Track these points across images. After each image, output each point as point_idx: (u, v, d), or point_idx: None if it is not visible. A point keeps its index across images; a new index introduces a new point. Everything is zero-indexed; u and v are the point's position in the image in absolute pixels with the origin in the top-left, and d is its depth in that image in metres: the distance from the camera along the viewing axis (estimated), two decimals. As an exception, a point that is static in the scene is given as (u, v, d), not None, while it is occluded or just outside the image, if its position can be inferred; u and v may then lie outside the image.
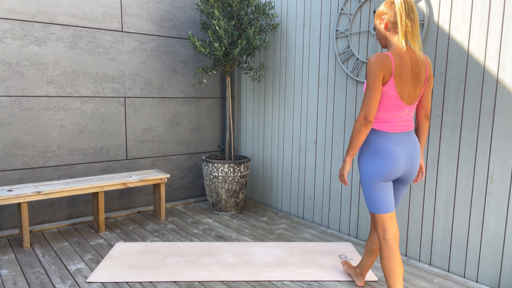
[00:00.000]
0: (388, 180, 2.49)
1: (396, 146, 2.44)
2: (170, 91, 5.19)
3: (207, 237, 4.19)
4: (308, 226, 4.54)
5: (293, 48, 4.76)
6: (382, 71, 2.33)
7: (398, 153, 2.44)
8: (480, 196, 3.19)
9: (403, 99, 2.42)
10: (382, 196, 2.49)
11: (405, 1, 2.37)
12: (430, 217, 3.54)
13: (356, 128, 2.39)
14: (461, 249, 3.34)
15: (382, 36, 2.52)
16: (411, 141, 2.50)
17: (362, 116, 2.36)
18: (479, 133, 3.16)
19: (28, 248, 3.82)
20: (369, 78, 2.35)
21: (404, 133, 2.49)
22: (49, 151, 4.36)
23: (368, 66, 2.36)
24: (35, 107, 4.22)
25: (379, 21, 2.51)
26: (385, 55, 2.35)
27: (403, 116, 2.47)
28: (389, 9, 2.43)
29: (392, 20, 2.42)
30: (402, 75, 2.38)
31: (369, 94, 2.35)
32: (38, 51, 4.19)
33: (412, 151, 2.49)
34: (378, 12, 2.51)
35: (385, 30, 2.48)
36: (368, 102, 2.35)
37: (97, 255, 3.68)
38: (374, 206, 2.52)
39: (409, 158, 2.49)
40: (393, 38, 2.45)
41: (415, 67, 2.42)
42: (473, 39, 3.14)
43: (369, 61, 2.36)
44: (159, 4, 4.98)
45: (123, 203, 4.98)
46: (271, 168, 5.26)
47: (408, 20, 2.36)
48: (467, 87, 3.20)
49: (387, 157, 2.43)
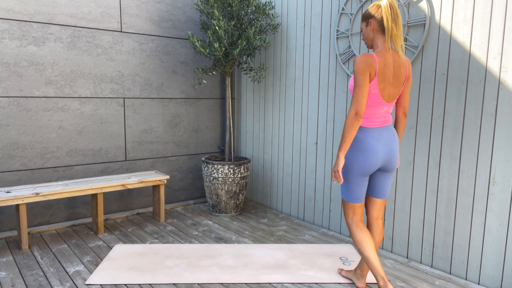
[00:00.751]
0: (366, 175, 2.74)
1: (375, 140, 2.67)
2: (169, 92, 5.20)
3: (207, 239, 4.19)
4: (309, 228, 4.54)
5: (293, 48, 4.77)
6: (368, 69, 2.53)
7: (377, 148, 2.67)
8: (482, 198, 3.19)
9: (383, 97, 2.64)
10: (358, 190, 2.78)
11: (391, 6, 2.57)
12: (431, 219, 3.54)
13: (349, 123, 2.56)
14: (463, 251, 3.34)
15: (369, 38, 2.72)
16: (389, 134, 2.73)
17: (353, 111, 2.54)
18: (481, 134, 3.16)
19: (27, 250, 3.82)
20: (357, 75, 2.54)
21: (383, 127, 2.72)
22: (48, 152, 4.37)
23: (356, 65, 2.54)
24: (33, 108, 4.23)
25: (367, 24, 2.71)
26: (371, 55, 2.54)
27: (382, 113, 2.70)
28: (376, 13, 2.63)
29: (379, 23, 2.63)
30: (385, 75, 2.59)
31: (359, 90, 2.53)
32: (37, 52, 4.20)
33: (391, 143, 2.72)
34: (365, 15, 2.71)
35: (372, 33, 2.69)
36: (358, 98, 2.53)
37: (96, 257, 3.68)
38: (349, 196, 2.81)
39: (388, 150, 2.72)
40: (379, 40, 2.66)
41: (396, 67, 2.62)
42: (475, 40, 3.15)
43: (357, 60, 2.55)
44: (159, 4, 4.99)
45: (122, 204, 4.98)
46: (272, 170, 5.26)
47: (393, 24, 2.57)
48: (469, 88, 3.20)
49: (367, 153, 2.66)
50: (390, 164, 2.78)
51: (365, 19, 2.71)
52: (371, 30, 2.68)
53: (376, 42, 2.68)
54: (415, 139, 3.60)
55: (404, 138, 3.68)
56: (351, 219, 2.85)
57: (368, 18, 2.69)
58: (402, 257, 3.78)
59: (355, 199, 2.81)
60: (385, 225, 3.90)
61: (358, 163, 2.69)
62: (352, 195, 2.80)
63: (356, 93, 2.54)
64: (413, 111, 3.59)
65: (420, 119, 3.55)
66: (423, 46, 3.48)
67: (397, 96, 2.72)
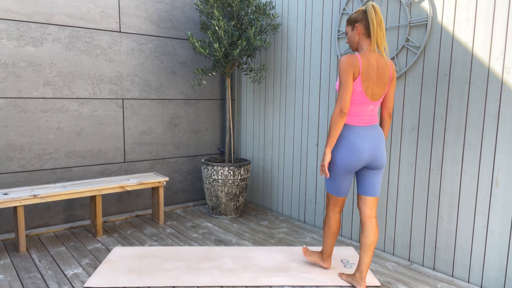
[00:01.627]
0: (351, 171, 2.92)
1: (360, 138, 2.83)
2: (169, 93, 5.20)
3: (207, 241, 4.19)
4: (310, 230, 4.54)
5: (294, 48, 4.77)
6: (352, 69, 2.71)
7: (362, 146, 2.83)
8: (485, 200, 3.20)
9: (367, 95, 2.81)
10: (342, 185, 2.98)
11: (376, 11, 2.76)
12: (433, 221, 3.54)
13: (334, 120, 2.75)
14: (465, 254, 3.34)
15: (355, 41, 2.89)
16: (375, 133, 2.89)
17: (338, 109, 2.73)
18: (483, 135, 3.16)
19: (24, 252, 3.82)
20: (342, 75, 2.72)
21: (369, 126, 2.88)
22: (46, 153, 4.37)
23: (340, 65, 2.73)
24: (31, 109, 4.23)
25: (352, 28, 2.89)
26: (354, 55, 2.74)
27: (367, 111, 2.85)
28: (363, 17, 2.81)
29: (365, 27, 2.81)
30: (368, 74, 2.76)
31: (343, 89, 2.72)
32: (35, 52, 4.20)
33: (376, 141, 2.88)
34: (351, 20, 2.88)
35: (358, 36, 2.86)
36: (343, 96, 2.72)
37: (95, 260, 3.68)
38: (334, 190, 3.03)
39: (374, 148, 2.87)
40: (364, 43, 2.84)
41: (380, 68, 2.80)
42: (477, 40, 3.15)
43: (341, 60, 2.74)
44: (158, 4, 4.99)
45: (121, 206, 4.99)
46: (272, 171, 5.27)
47: (378, 28, 2.76)
48: (472, 89, 3.20)
49: (351, 150, 2.83)
50: (376, 162, 2.92)
51: (351, 23, 2.89)
52: (357, 34, 2.86)
53: (361, 45, 2.86)
54: (417, 141, 3.61)
55: (405, 140, 3.68)
56: (332, 210, 3.13)
57: (354, 22, 2.86)
58: (404, 259, 3.78)
59: (339, 193, 3.03)
60: (387, 228, 3.90)
61: (342, 160, 2.87)
62: (337, 189, 3.01)
63: (340, 91, 2.73)
64: (415, 112, 3.59)
65: (422, 120, 3.55)
66: (425, 47, 3.48)
67: (382, 96, 2.89)
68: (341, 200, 3.09)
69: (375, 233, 3.02)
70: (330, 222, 3.17)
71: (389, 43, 3.74)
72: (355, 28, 2.85)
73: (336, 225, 3.19)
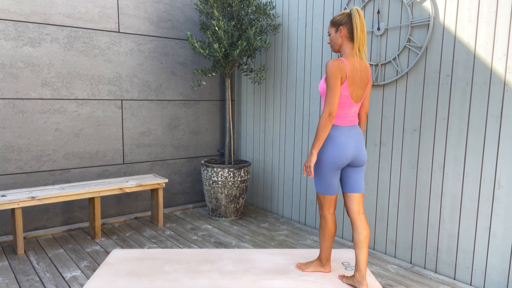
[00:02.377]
0: (338, 168, 3.01)
1: (347, 137, 2.95)
2: (168, 94, 5.21)
3: (207, 243, 4.19)
4: (310, 233, 4.55)
5: (294, 49, 4.78)
6: (340, 73, 2.80)
7: (349, 145, 2.95)
8: (487, 202, 3.20)
9: (352, 98, 2.92)
10: (332, 182, 3.04)
11: (360, 16, 2.85)
12: (435, 223, 3.54)
13: (322, 123, 2.85)
14: (468, 256, 3.35)
15: (338, 44, 2.97)
16: (357, 132, 3.02)
17: (327, 112, 2.82)
18: (486, 137, 3.17)
19: (22, 255, 3.83)
20: (330, 80, 2.80)
21: (352, 126, 3.01)
22: (44, 155, 4.38)
23: (329, 69, 2.81)
24: (29, 110, 4.24)
25: (336, 30, 2.96)
26: (341, 60, 2.82)
27: (351, 113, 2.98)
28: (347, 21, 2.89)
29: (349, 30, 2.89)
30: (354, 78, 2.87)
31: (332, 93, 2.81)
32: (33, 52, 4.21)
33: (358, 140, 3.01)
34: (335, 22, 2.95)
35: (341, 39, 2.94)
36: (332, 100, 2.81)
37: (93, 262, 3.68)
38: (325, 189, 3.08)
39: (357, 146, 3.00)
40: (347, 46, 2.93)
41: (362, 71, 2.92)
42: (480, 40, 3.16)
43: (329, 65, 2.80)
44: (157, 4, 5.00)
45: (120, 208, 4.99)
46: (272, 173, 5.27)
47: (361, 32, 2.86)
48: (474, 90, 3.21)
49: (339, 148, 2.93)
50: (359, 159, 3.04)
51: (335, 25, 2.96)
52: (340, 37, 2.94)
53: (344, 48, 2.95)
54: (418, 142, 3.61)
55: (407, 141, 3.69)
56: (328, 211, 3.14)
57: (338, 25, 2.94)
58: (405, 262, 3.78)
59: (331, 192, 3.08)
60: (388, 230, 3.90)
61: (332, 157, 2.96)
62: (328, 188, 3.07)
63: (329, 95, 2.82)
64: (417, 113, 3.60)
65: (423, 122, 3.55)
66: (427, 47, 3.49)
67: (363, 98, 3.01)
68: (334, 199, 3.15)
69: (366, 228, 3.07)
70: (328, 224, 3.17)
71: (391, 43, 3.75)
72: (339, 30, 2.94)
73: (334, 226, 3.21)
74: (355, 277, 3.16)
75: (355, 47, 2.90)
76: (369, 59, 3.94)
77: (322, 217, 3.17)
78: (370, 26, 3.91)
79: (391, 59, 3.74)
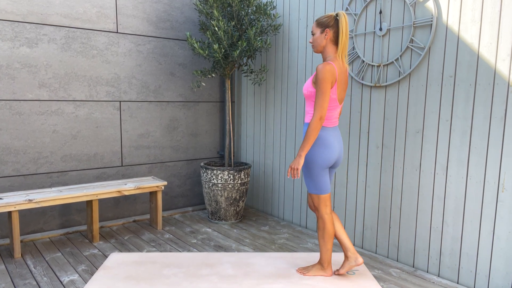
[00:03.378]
0: (328, 167, 3.15)
1: (333, 138, 3.10)
2: (167, 95, 5.22)
3: (206, 247, 4.20)
4: (312, 236, 4.55)
5: (295, 50, 4.79)
6: (331, 78, 2.91)
7: (335, 144, 3.10)
8: (491, 205, 3.20)
9: (339, 101, 3.08)
10: (326, 180, 3.14)
11: (346, 21, 2.97)
12: (438, 226, 3.55)
13: (314, 127, 2.94)
14: (471, 260, 3.35)
15: (321, 45, 3.06)
16: (339, 133, 3.20)
17: (318, 116, 2.92)
18: (489, 138, 3.17)
19: (19, 258, 3.83)
20: (323, 84, 2.89)
21: (336, 127, 3.17)
22: (41, 157, 4.38)
23: (321, 74, 2.90)
24: (26, 111, 4.25)
25: (322, 31, 3.04)
26: (331, 64, 2.92)
27: (335, 114, 3.12)
28: (334, 24, 3.00)
29: (334, 34, 3.01)
30: (341, 81, 3.02)
31: (324, 97, 2.91)
32: (30, 53, 4.22)
33: (340, 141, 3.19)
34: (322, 23, 3.04)
35: (325, 41, 3.04)
36: (323, 104, 2.91)
37: (91, 266, 3.69)
38: (321, 188, 3.15)
39: (340, 147, 3.17)
40: (330, 49, 3.04)
41: (344, 74, 3.07)
42: (483, 41, 3.16)
43: (322, 69, 2.90)
44: (156, 4, 5.01)
45: (118, 211, 4.99)
46: (273, 175, 5.27)
47: (346, 37, 2.98)
48: (477, 91, 3.22)
49: (330, 148, 3.06)
50: (339, 160, 3.24)
51: (321, 27, 3.04)
52: (325, 39, 3.03)
53: (327, 50, 3.05)
54: (421, 144, 3.61)
55: (410, 143, 3.69)
56: (325, 211, 3.20)
57: (325, 26, 3.02)
58: (408, 266, 3.78)
59: (326, 190, 3.16)
60: (391, 233, 3.91)
61: (323, 157, 3.07)
62: (323, 187, 3.14)
63: (321, 99, 2.91)
64: (420, 115, 3.60)
65: (426, 123, 3.56)
66: (429, 48, 3.49)
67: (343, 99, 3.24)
68: (329, 197, 3.22)
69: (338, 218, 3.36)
70: (326, 224, 3.20)
71: (393, 44, 3.76)
72: (325, 32, 3.01)
73: (333, 226, 3.24)
74: (348, 258, 3.29)
75: (339, 51, 3.00)
76: (371, 60, 3.95)
77: (320, 218, 3.22)
78: (372, 27, 3.92)
79: (393, 60, 3.75)
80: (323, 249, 3.28)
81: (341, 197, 4.37)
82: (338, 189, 4.40)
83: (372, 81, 3.96)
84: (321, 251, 3.29)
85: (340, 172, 4.35)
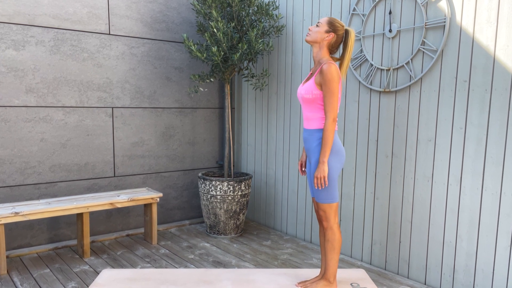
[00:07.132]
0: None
1: (339, 141, 3.16)
2: (162, 101, 5.23)
3: (204, 263, 4.20)
4: (317, 251, 4.55)
5: (299, 53, 4.81)
6: (339, 78, 3.01)
7: (342, 147, 3.16)
8: (508, 218, 3.21)
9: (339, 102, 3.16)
10: (337, 187, 3.16)
11: (353, 39, 3.12)
12: (452, 241, 3.55)
13: (330, 129, 3.01)
14: (487, 277, 3.35)
15: (318, 41, 3.12)
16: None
17: (331, 118, 3.00)
18: (506, 147, 3.18)
19: (5, 275, 3.83)
20: (333, 84, 2.97)
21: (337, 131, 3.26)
22: (28, 167, 4.40)
23: (330, 74, 2.96)
24: (12, 118, 4.27)
25: (328, 31, 3.09)
26: (335, 64, 3.02)
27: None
28: (341, 35, 3.12)
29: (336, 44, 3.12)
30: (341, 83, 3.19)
31: (335, 97, 2.99)
32: (16, 56, 4.24)
33: None
34: (332, 24, 3.09)
35: (324, 42, 3.10)
36: (335, 105, 3.00)
37: (82, 283, 3.69)
38: (333, 196, 3.15)
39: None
40: (325, 53, 3.13)
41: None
42: (500, 43, 3.18)
43: (329, 70, 2.97)
44: (151, 4, 5.04)
45: (110, 225, 5.00)
46: (275, 187, 5.28)
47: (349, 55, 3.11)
48: (493, 96, 3.23)
49: (341, 152, 3.12)
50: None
51: (331, 27, 3.09)
52: (325, 39, 3.10)
53: (322, 52, 3.13)
54: (433, 153, 3.62)
55: (421, 152, 3.70)
56: (334, 221, 3.21)
57: (333, 30, 3.09)
58: (419, 283, 3.78)
59: (337, 198, 3.18)
60: (401, 248, 3.91)
61: (339, 163, 3.12)
62: (335, 195, 3.16)
63: (332, 100, 2.99)
64: (432, 122, 3.61)
65: (439, 131, 3.57)
66: (442, 50, 3.51)
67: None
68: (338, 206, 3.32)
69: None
70: (337, 235, 3.21)
71: (403, 46, 3.78)
72: (329, 34, 3.09)
73: (341, 236, 3.30)
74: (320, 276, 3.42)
75: (343, 68, 3.11)
76: (380, 64, 3.97)
77: (329, 229, 3.21)
78: (381, 28, 3.94)
79: (403, 64, 3.77)
80: (331, 263, 3.27)
81: (348, 210, 4.37)
82: (344, 202, 4.41)
83: (381, 86, 3.98)
84: (328, 264, 3.27)
85: (347, 183, 4.36)
